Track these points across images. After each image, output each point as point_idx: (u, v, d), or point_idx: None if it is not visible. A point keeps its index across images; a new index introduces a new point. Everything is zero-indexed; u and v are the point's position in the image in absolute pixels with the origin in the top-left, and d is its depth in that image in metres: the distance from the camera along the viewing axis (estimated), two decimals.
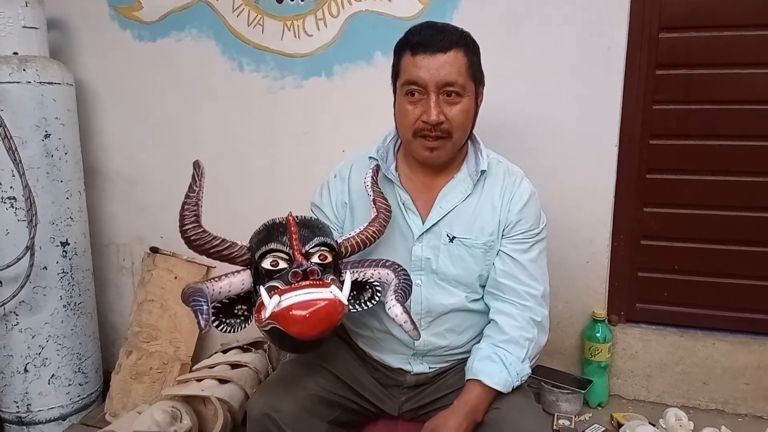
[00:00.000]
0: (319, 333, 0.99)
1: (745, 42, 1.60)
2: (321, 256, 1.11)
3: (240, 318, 1.12)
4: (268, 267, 1.08)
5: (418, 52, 1.21)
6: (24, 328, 1.85)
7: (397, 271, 1.21)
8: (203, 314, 0.98)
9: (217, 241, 1.09)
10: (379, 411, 1.39)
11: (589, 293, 1.80)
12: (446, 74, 1.21)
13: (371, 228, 1.23)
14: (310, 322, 0.97)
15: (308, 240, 1.11)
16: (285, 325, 0.98)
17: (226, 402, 1.67)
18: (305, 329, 0.98)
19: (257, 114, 1.96)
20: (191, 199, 1.06)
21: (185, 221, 1.06)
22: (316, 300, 0.98)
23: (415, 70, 1.22)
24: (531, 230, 1.34)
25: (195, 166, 1.08)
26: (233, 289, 1.10)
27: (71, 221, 1.91)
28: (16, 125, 1.75)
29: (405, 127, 1.27)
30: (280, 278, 1.05)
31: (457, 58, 1.22)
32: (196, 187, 1.06)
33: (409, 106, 1.25)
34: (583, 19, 1.64)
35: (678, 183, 1.72)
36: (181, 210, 1.06)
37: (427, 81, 1.21)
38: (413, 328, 1.18)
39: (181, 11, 1.96)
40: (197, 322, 0.98)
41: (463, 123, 1.26)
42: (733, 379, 1.73)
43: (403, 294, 1.18)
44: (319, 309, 0.97)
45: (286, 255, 1.08)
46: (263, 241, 1.11)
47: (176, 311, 2.06)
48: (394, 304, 1.16)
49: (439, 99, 1.22)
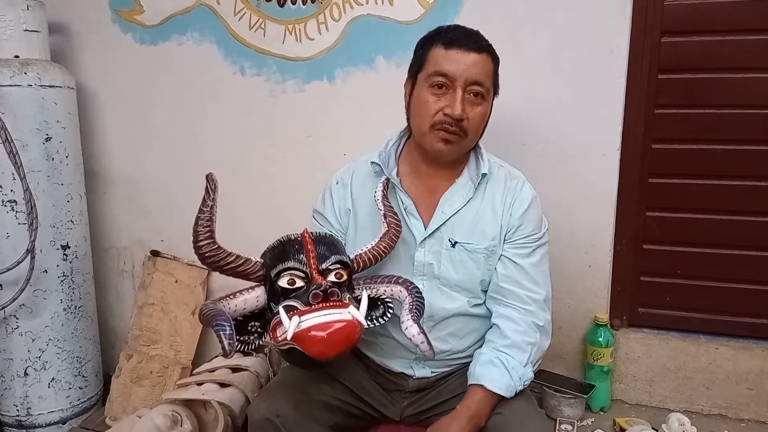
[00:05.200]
0: (338, 353, 1.00)
1: (746, 46, 1.60)
2: (337, 274, 1.10)
3: (254, 335, 1.11)
4: (285, 285, 1.07)
5: (452, 47, 1.23)
6: (24, 331, 1.85)
7: (410, 289, 1.21)
8: (228, 338, 0.96)
9: (231, 258, 1.08)
10: (381, 416, 1.39)
11: (592, 297, 1.79)
12: (477, 73, 1.23)
13: (382, 243, 1.23)
14: (329, 343, 0.98)
15: (325, 258, 1.10)
16: (305, 347, 0.99)
17: (227, 406, 1.66)
18: (325, 350, 0.99)
19: (259, 118, 1.96)
20: (205, 214, 1.03)
21: (199, 237, 1.04)
22: (336, 321, 0.99)
23: (447, 62, 1.23)
24: (533, 235, 1.33)
25: (208, 179, 1.05)
26: (248, 306, 1.10)
27: (72, 224, 1.91)
28: (17, 128, 1.75)
29: (423, 118, 1.26)
30: (298, 297, 1.05)
31: (486, 62, 1.25)
32: (210, 202, 1.04)
33: (432, 98, 1.25)
34: (586, 23, 1.64)
35: (680, 187, 1.72)
36: (195, 225, 1.04)
37: (457, 75, 1.22)
38: (429, 348, 1.17)
39: (182, 15, 1.96)
40: (222, 346, 0.96)
41: (479, 125, 1.28)
42: (736, 384, 1.72)
43: (418, 313, 1.18)
44: (339, 330, 0.98)
45: (303, 273, 1.07)
46: (279, 259, 1.09)
47: (177, 315, 2.05)
48: (411, 324, 1.16)
49: (464, 96, 1.23)
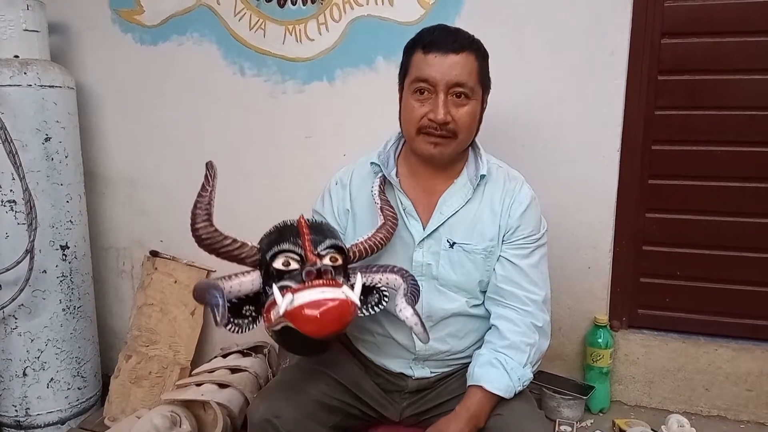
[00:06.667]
0: (331, 332, 1.00)
1: (746, 48, 1.60)
2: (332, 258, 1.11)
3: (248, 318, 1.12)
4: (280, 267, 1.07)
5: (430, 51, 1.22)
6: (23, 331, 1.84)
7: (405, 276, 1.21)
8: (220, 309, 0.98)
9: (228, 241, 1.09)
10: (381, 416, 1.39)
11: (591, 299, 1.79)
12: (457, 75, 1.21)
13: (379, 235, 1.24)
14: (322, 320, 0.97)
15: (319, 243, 1.11)
16: (298, 324, 0.98)
17: (226, 407, 1.67)
18: (318, 328, 0.98)
19: (258, 118, 1.96)
20: (204, 198, 1.06)
21: (197, 220, 1.06)
22: (329, 299, 0.99)
23: (426, 68, 1.22)
24: (531, 236, 1.33)
25: (208, 166, 1.08)
26: (243, 289, 1.10)
27: (71, 225, 1.91)
28: (17, 128, 1.74)
29: (410, 123, 1.27)
30: (292, 278, 1.06)
31: (468, 61, 1.23)
32: (209, 187, 1.06)
33: (416, 104, 1.25)
34: (586, 24, 1.64)
35: (680, 188, 1.72)
36: (193, 208, 1.06)
37: (437, 79, 1.21)
38: (423, 330, 1.17)
39: (182, 15, 1.96)
40: (213, 316, 0.98)
41: (469, 125, 1.27)
42: (736, 385, 1.72)
43: (413, 298, 1.18)
44: (332, 308, 0.98)
45: (298, 256, 1.08)
46: (275, 242, 1.11)
47: (176, 315, 2.05)
48: (404, 306, 1.16)
49: (447, 99, 1.23)
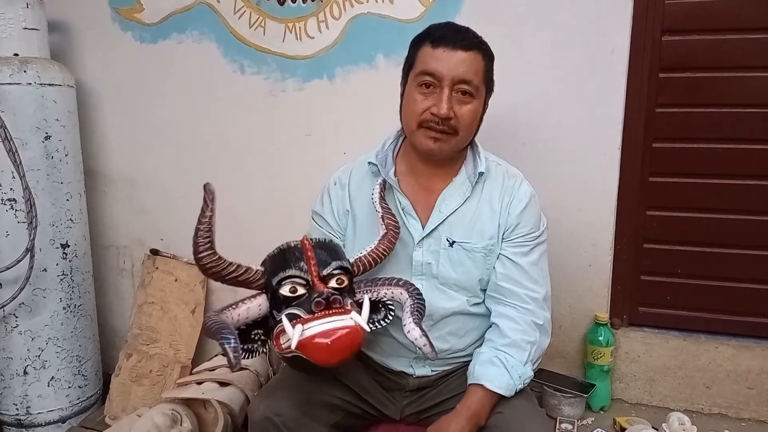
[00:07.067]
0: (341, 359, 1.01)
1: (748, 45, 1.60)
2: (338, 280, 1.11)
3: (257, 342, 1.12)
4: (287, 294, 1.07)
5: (439, 45, 1.23)
6: (24, 330, 1.84)
7: (411, 291, 1.21)
8: (233, 351, 0.97)
9: (232, 268, 1.08)
10: (381, 415, 1.39)
11: (592, 296, 1.79)
12: (464, 71, 1.22)
13: (381, 246, 1.23)
14: (333, 350, 0.99)
15: (325, 264, 1.10)
16: (308, 354, 1.00)
17: (227, 405, 1.67)
18: (329, 357, 1.00)
19: (258, 116, 1.96)
20: (204, 225, 1.03)
21: (200, 248, 1.04)
22: (339, 328, 1.00)
23: (434, 61, 1.22)
24: (531, 233, 1.33)
25: (206, 190, 1.03)
26: (251, 315, 1.10)
27: (71, 223, 1.91)
28: (17, 127, 1.74)
29: (411, 116, 1.27)
30: (300, 305, 1.05)
31: (475, 59, 1.24)
32: (208, 212, 1.03)
33: (420, 97, 1.25)
34: (586, 22, 1.64)
35: (681, 186, 1.72)
36: (195, 237, 1.04)
37: (444, 74, 1.22)
38: (432, 350, 1.17)
39: (182, 13, 1.95)
40: (228, 359, 0.96)
41: (470, 123, 1.27)
42: (736, 383, 1.72)
43: (419, 315, 1.18)
44: (342, 337, 0.99)
45: (304, 281, 1.08)
46: (280, 267, 1.09)
47: (176, 313, 2.05)
48: (413, 327, 1.16)
49: (451, 95, 1.23)
